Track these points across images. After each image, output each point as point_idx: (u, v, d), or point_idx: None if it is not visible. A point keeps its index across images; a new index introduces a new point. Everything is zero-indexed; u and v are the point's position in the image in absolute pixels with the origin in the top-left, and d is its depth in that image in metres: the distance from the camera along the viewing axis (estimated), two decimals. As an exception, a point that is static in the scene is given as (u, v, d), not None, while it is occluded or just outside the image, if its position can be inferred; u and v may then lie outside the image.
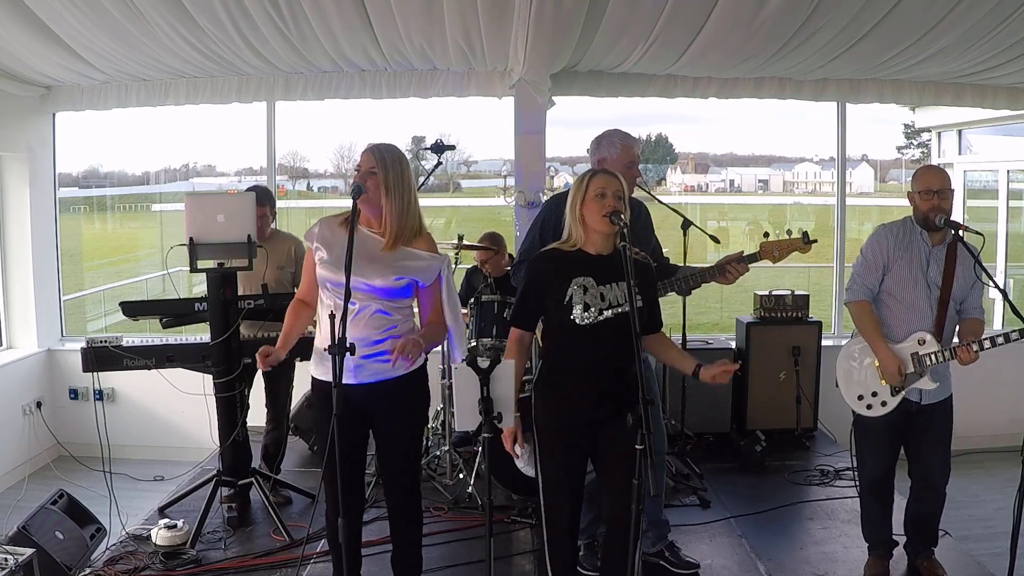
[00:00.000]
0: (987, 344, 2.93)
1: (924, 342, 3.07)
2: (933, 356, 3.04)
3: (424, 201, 2.89)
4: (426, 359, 2.80)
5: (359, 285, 2.64)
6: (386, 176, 2.66)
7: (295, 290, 3.22)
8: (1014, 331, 2.82)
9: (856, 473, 3.44)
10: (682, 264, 3.90)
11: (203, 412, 4.06)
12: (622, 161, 3.24)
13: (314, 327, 2.94)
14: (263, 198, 4.02)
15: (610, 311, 2.57)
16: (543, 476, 2.71)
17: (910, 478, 3.29)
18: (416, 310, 2.86)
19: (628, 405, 2.41)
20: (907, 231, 3.15)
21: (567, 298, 2.59)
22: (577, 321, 2.58)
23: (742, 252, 3.31)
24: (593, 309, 2.57)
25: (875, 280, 3.17)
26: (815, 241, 3.39)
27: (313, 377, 2.81)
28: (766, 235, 3.41)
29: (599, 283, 2.60)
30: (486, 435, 2.53)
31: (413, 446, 2.92)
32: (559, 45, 4.59)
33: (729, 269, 3.30)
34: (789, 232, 3.39)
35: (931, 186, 3.05)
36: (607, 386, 2.59)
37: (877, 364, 3.14)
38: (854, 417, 3.28)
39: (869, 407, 3.18)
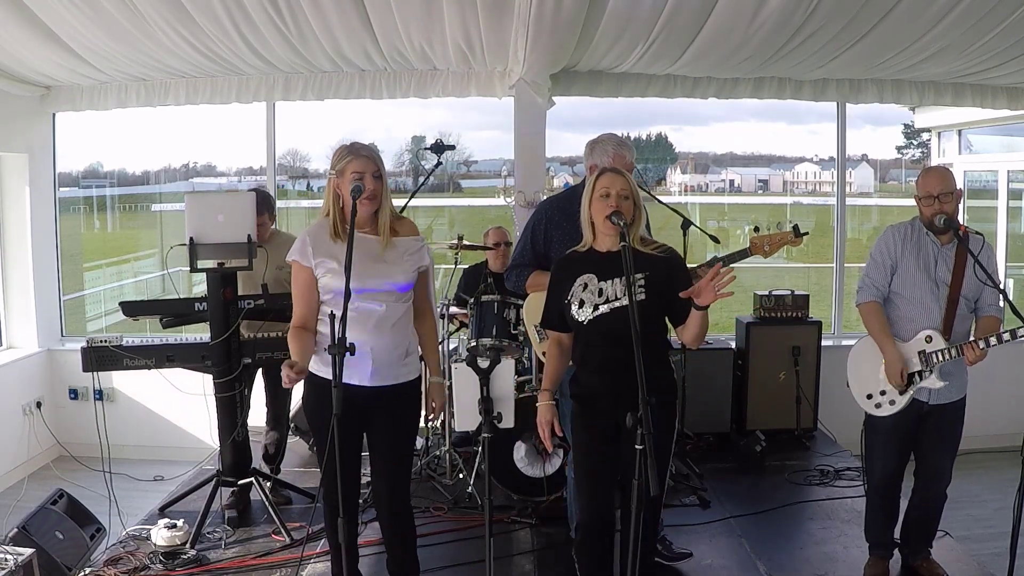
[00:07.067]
0: (993, 341, 2.90)
1: (931, 339, 3.05)
2: (940, 354, 3.02)
3: (424, 201, 2.90)
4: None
5: (386, 288, 2.65)
6: (385, 178, 2.69)
7: None
8: (1022, 327, 2.80)
9: (864, 473, 3.43)
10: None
11: (203, 412, 4.06)
12: None
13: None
14: (263, 206, 3.98)
15: (606, 306, 2.57)
16: (575, 475, 2.75)
17: (915, 478, 3.28)
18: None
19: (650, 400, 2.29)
20: (915, 231, 3.15)
21: (569, 296, 2.63)
22: (577, 317, 2.61)
23: (716, 259, 3.32)
24: (588, 305, 2.59)
25: (883, 280, 3.16)
26: (806, 234, 3.40)
27: (318, 376, 2.72)
28: (756, 230, 3.43)
29: (600, 279, 2.60)
30: (486, 435, 2.53)
31: (411, 448, 2.92)
32: (559, 45, 4.59)
33: (699, 274, 3.27)
34: (779, 226, 3.40)
35: (932, 191, 3.04)
36: (622, 381, 2.50)
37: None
38: (865, 417, 3.27)
39: (878, 406, 3.17)
